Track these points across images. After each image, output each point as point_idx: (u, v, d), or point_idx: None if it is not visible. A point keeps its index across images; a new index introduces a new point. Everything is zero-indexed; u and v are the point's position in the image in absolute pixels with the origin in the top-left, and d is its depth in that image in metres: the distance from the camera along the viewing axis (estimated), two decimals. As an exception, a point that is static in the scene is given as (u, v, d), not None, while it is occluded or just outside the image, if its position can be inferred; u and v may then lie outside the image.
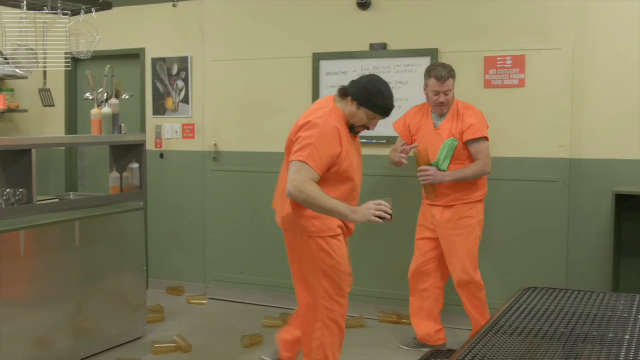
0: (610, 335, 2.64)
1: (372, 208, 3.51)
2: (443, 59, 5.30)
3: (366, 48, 5.58)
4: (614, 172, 4.94)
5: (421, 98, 5.33)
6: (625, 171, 4.92)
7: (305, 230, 3.74)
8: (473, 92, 5.18)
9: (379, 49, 5.52)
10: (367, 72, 5.38)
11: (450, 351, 3.47)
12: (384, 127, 5.43)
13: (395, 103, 5.31)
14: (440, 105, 4.67)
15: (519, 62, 5.09)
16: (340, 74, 5.64)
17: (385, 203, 3.53)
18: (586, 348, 2.52)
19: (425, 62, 5.33)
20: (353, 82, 3.79)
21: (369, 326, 5.44)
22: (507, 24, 5.18)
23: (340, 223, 3.78)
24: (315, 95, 5.73)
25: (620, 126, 4.91)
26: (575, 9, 4.99)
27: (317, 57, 5.73)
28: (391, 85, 5.31)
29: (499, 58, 5.15)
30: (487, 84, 5.21)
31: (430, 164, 4.64)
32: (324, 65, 5.71)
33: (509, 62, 5.14)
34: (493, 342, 2.60)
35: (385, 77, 5.25)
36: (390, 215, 3.52)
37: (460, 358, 2.41)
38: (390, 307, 5.61)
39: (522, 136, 5.14)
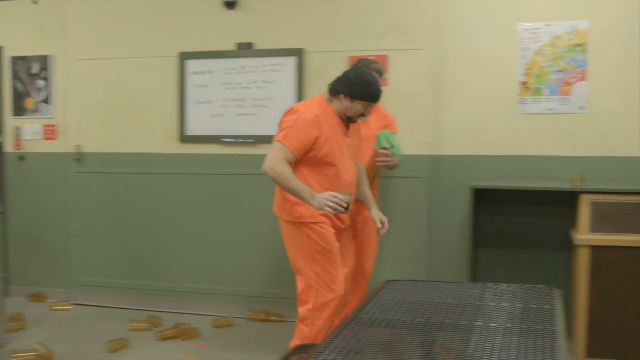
0: (464, 322, 2.75)
1: (328, 199, 3.68)
2: (309, 59, 5.36)
3: (233, 48, 5.57)
4: (473, 168, 5.12)
5: (289, 98, 5.39)
6: (483, 167, 5.11)
7: (290, 216, 3.91)
8: None
9: (245, 49, 5.52)
10: (234, 72, 5.49)
11: (314, 346, 3.51)
12: (252, 126, 5.49)
13: (262, 103, 5.51)
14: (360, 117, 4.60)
15: (382, 62, 5.19)
16: (207, 73, 5.61)
17: (341, 197, 3.68)
18: (441, 336, 2.61)
19: (291, 62, 5.39)
20: (340, 79, 3.93)
21: (238, 325, 5.41)
22: (371, 25, 5.28)
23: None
24: (183, 95, 5.67)
25: (478, 124, 5.10)
26: (434, 11, 5.16)
27: (184, 57, 5.67)
28: (257, 85, 5.50)
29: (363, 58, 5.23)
30: None
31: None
32: (191, 65, 5.65)
33: None
34: (354, 334, 2.65)
35: (251, 76, 5.49)
36: (345, 208, 3.69)
37: (321, 351, 2.44)
38: (259, 306, 5.61)
39: (386, 135, 5.23)
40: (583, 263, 4.46)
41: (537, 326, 2.68)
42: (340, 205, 3.67)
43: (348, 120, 3.97)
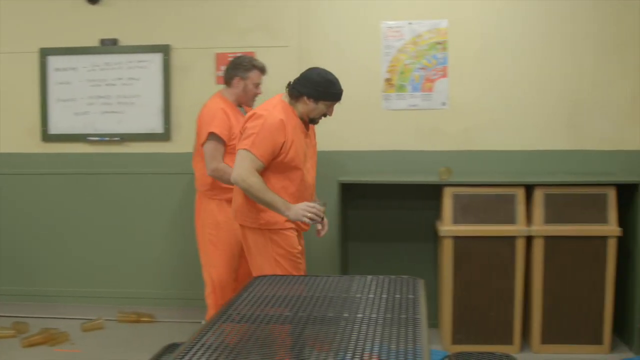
0: (330, 314, 2.78)
1: (306, 209, 3.67)
2: (175, 55, 5.31)
3: (97, 44, 5.42)
4: (341, 163, 5.19)
5: (155, 95, 5.30)
6: (351, 162, 5.21)
7: (255, 223, 3.80)
8: (206, 89, 5.17)
9: (109, 45, 5.39)
10: (98, 69, 5.37)
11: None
12: (118, 124, 5.37)
13: (128, 100, 5.39)
14: (255, 97, 4.60)
15: None
16: (70, 70, 5.44)
17: (319, 207, 3.70)
18: (309, 329, 2.63)
19: (157, 58, 5.31)
20: (300, 81, 3.85)
21: (108, 328, 5.28)
22: (237, 21, 5.27)
23: None
24: (44, 93, 5.47)
25: (344, 120, 5.12)
26: (300, 8, 5.20)
27: (45, 53, 5.46)
28: (123, 82, 5.37)
29: (230, 55, 5.14)
30: (220, 81, 5.18)
31: None
32: (52, 61, 5.46)
33: None
34: (222, 331, 2.63)
35: (116, 73, 5.38)
36: (322, 218, 3.72)
37: (188, 349, 2.41)
38: (130, 307, 5.50)
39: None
40: (447, 253, 4.63)
41: (400, 315, 2.73)
42: (318, 215, 3.69)
43: (310, 122, 3.93)
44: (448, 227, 4.62)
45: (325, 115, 3.94)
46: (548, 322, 4.62)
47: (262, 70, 4.56)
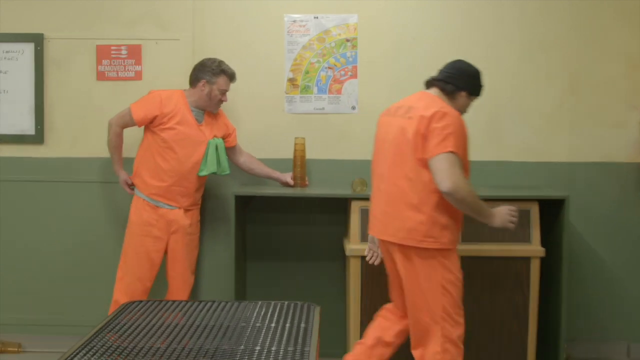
0: (207, 346, 2.67)
1: (509, 213, 3.77)
2: (50, 46, 5.14)
3: None
4: (240, 173, 5.09)
5: (26, 92, 5.16)
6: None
7: (437, 242, 3.68)
8: (85, 84, 5.09)
9: None
10: None
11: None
12: None
13: None
14: (220, 104, 4.76)
15: (135, 52, 5.08)
16: None
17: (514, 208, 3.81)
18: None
19: (29, 48, 5.14)
20: (454, 74, 3.86)
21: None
22: (123, 10, 5.15)
23: None
24: None
25: (243, 124, 5.08)
26: (194, -1, 5.16)
27: None
28: None
29: (113, 47, 5.09)
30: (101, 76, 5.13)
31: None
32: None
33: (124, 52, 5.11)
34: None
35: None
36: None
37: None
38: None
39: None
40: (354, 275, 4.59)
41: (288, 347, 2.66)
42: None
43: None
44: (355, 245, 4.57)
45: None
46: (465, 352, 4.57)
47: (231, 77, 4.70)
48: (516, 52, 5.07)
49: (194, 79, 4.69)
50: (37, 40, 5.13)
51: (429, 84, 3.94)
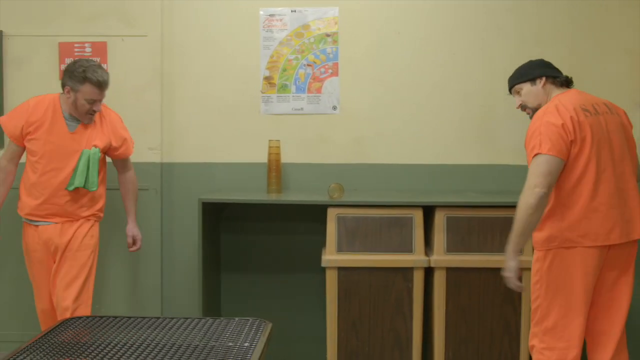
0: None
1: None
2: (9, 43, 5.08)
3: None
4: (210, 178, 5.06)
5: None
6: (222, 176, 5.07)
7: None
8: (47, 84, 4.99)
9: None
10: None
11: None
12: None
13: None
14: (91, 115, 4.37)
15: (100, 49, 5.02)
16: None
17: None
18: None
19: None
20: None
21: None
22: (86, 6, 5.08)
23: None
24: None
25: (215, 126, 5.04)
26: (162, -8, 5.09)
27: None
28: None
29: (76, 45, 5.03)
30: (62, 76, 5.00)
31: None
32: None
33: (88, 49, 5.04)
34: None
35: None
36: None
37: None
38: None
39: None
40: (330, 287, 4.49)
41: None
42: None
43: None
44: (331, 256, 4.47)
45: None
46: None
47: (97, 85, 4.31)
48: (510, 48, 4.96)
49: (62, 84, 4.37)
50: None
51: (567, 82, 3.91)
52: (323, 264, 4.45)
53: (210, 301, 4.78)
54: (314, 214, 4.84)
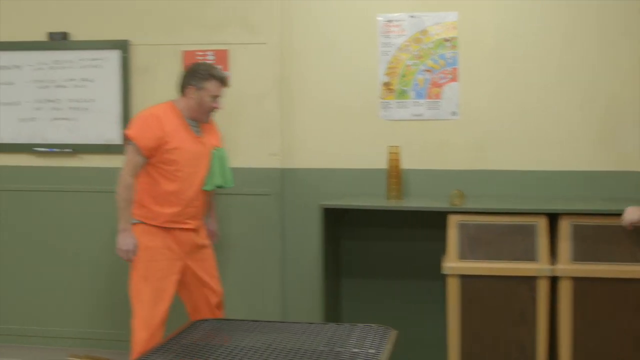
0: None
1: None
2: (136, 53, 5.27)
3: (44, 38, 5.40)
4: (329, 183, 5.10)
5: (112, 100, 5.32)
6: (341, 182, 5.11)
7: None
8: (172, 91, 5.05)
9: (59, 39, 5.36)
10: (46, 67, 5.42)
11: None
12: (69, 133, 5.41)
13: (81, 105, 5.37)
14: (213, 112, 4.51)
15: (221, 57, 5.14)
16: (14, 68, 5.43)
17: None
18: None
19: (114, 55, 5.28)
20: None
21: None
22: (208, 14, 5.23)
23: None
24: (-16, 95, 5.46)
25: (334, 132, 5.09)
26: (282, -1, 5.18)
27: (-17, 47, 5.49)
28: (75, 84, 5.38)
29: (199, 52, 5.17)
30: None
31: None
32: (-8, 57, 5.49)
33: (210, 57, 5.18)
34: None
35: (67, 73, 5.38)
36: None
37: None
38: (84, 349, 5.42)
39: (228, 143, 5.10)
40: (452, 295, 4.46)
41: None
42: None
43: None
44: (453, 263, 4.43)
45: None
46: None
47: (221, 81, 4.46)
48: (633, 47, 4.82)
49: (182, 86, 4.47)
50: (123, 47, 5.27)
51: None
52: (444, 271, 4.42)
53: (331, 306, 4.82)
54: (435, 221, 4.78)
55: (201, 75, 4.41)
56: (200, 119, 4.48)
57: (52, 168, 5.46)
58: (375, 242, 5.12)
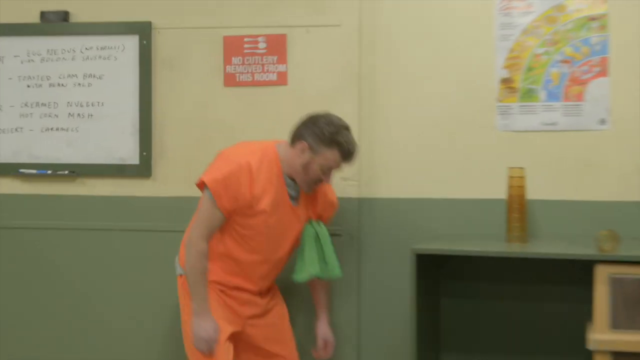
0: None
1: None
2: (160, 38, 5.34)
3: (36, 20, 5.44)
4: (424, 219, 5.09)
5: (127, 103, 5.36)
6: (440, 217, 5.09)
7: None
8: (208, 92, 5.26)
9: (56, 21, 5.39)
10: (38, 59, 5.55)
11: None
12: (68, 148, 5.46)
13: (84, 110, 5.42)
14: (317, 184, 4.64)
15: (277, 44, 5.18)
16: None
17: None
18: None
19: (131, 43, 5.35)
20: None
21: None
22: None
23: None
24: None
25: (431, 147, 5.06)
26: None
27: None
28: (76, 82, 5.44)
29: (246, 39, 5.19)
30: (229, 81, 5.25)
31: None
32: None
33: (262, 45, 5.19)
34: None
35: (66, 67, 5.44)
36: None
37: None
38: None
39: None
40: (602, 379, 4.37)
41: None
42: None
43: None
44: (602, 335, 4.25)
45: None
46: None
47: (346, 155, 4.52)
48: None
49: (295, 136, 4.53)
50: (143, 31, 5.33)
51: None
52: (590, 346, 4.26)
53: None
54: (575, 274, 4.79)
55: (323, 138, 4.47)
56: (300, 184, 4.59)
57: (44, 197, 5.48)
58: (489, 302, 5.08)
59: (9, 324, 5.64)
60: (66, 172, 5.41)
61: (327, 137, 4.46)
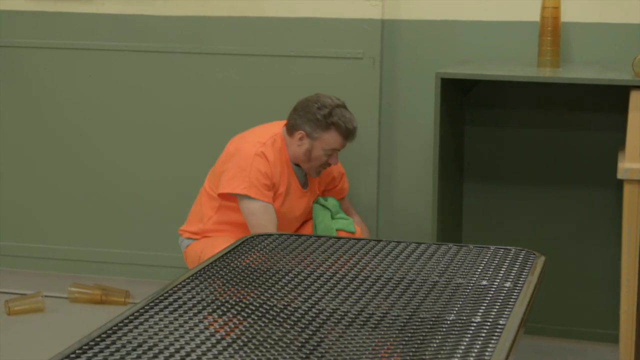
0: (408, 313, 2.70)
1: None
2: None
3: None
4: (453, 42, 5.13)
5: None
6: (470, 40, 5.12)
7: None
8: None
9: None
10: None
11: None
12: None
13: None
14: (325, 168, 4.83)
15: None
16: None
17: None
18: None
19: None
20: None
21: (51, 310, 5.40)
22: None
23: None
24: None
25: None
26: None
27: None
28: None
29: None
30: None
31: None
32: None
33: None
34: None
35: None
36: None
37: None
38: (92, 277, 5.68)
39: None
40: (630, 208, 4.38)
41: (474, 317, 2.64)
42: None
43: None
44: (633, 163, 4.35)
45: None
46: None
47: (345, 134, 4.67)
48: None
49: (291, 126, 4.71)
50: None
51: None
52: (620, 175, 4.35)
53: (447, 221, 4.87)
54: (607, 100, 4.85)
55: (317, 121, 4.62)
56: (307, 171, 4.80)
57: (50, 15, 5.53)
58: (517, 129, 5.16)
59: (10, 143, 5.78)
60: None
61: (322, 120, 4.62)
